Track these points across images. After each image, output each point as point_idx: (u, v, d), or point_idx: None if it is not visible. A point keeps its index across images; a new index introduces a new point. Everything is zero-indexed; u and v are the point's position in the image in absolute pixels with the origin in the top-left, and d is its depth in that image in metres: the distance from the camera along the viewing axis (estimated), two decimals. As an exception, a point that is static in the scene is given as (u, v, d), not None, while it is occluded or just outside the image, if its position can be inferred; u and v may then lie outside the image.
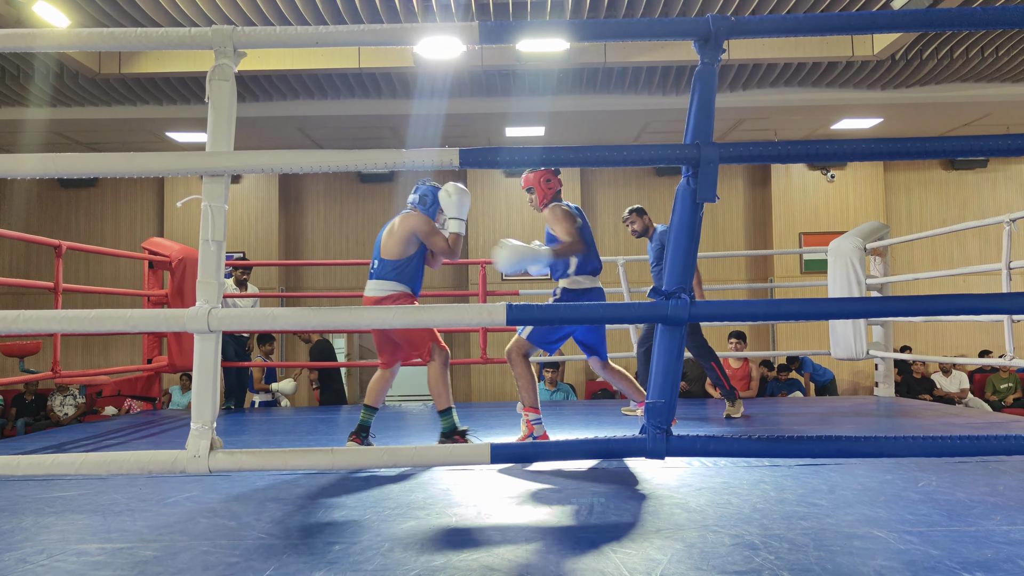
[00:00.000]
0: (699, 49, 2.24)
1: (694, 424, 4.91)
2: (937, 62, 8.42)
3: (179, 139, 10.48)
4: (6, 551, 2.21)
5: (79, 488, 3.07)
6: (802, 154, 2.26)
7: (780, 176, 11.75)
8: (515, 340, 3.96)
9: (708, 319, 2.19)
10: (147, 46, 2.28)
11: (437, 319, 2.39)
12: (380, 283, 3.90)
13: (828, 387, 9.63)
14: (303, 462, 2.41)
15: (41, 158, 2.23)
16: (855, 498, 2.68)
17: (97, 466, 2.17)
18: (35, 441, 4.70)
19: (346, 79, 8.74)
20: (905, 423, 4.97)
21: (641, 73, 8.80)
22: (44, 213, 12.23)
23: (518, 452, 2.47)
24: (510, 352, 3.95)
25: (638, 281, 10.27)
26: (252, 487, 3.03)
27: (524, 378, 3.91)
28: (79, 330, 2.29)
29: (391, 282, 3.88)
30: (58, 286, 5.23)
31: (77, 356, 11.72)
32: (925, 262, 11.74)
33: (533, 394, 3.91)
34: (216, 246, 2.26)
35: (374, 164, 2.22)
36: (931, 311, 2.37)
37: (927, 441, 2.31)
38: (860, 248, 6.18)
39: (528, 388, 3.91)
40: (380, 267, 3.92)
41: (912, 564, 1.96)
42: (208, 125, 2.25)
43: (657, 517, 2.47)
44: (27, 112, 9.28)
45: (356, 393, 13.12)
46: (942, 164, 12.12)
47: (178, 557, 2.13)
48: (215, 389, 2.24)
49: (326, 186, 12.21)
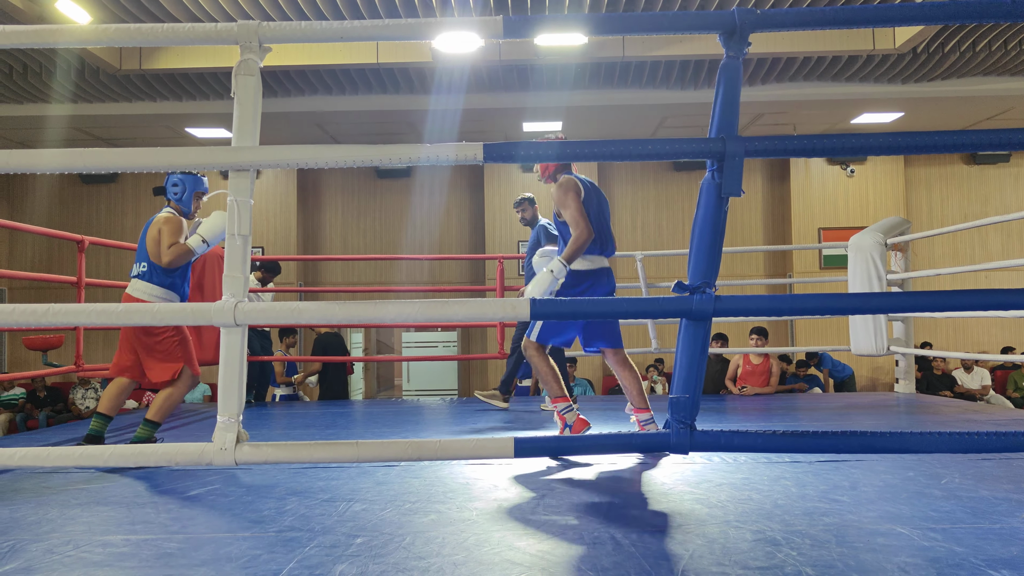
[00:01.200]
0: (724, 42, 2.23)
1: (711, 419, 4.89)
2: (959, 55, 8.33)
3: (198, 134, 10.54)
4: (33, 542, 2.24)
5: (103, 480, 3.10)
6: (827, 148, 2.24)
7: (799, 171, 11.67)
8: (525, 343, 3.92)
9: (733, 314, 2.18)
10: (173, 41, 2.30)
11: (461, 313, 2.40)
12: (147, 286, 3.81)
13: (847, 383, 9.57)
14: (328, 455, 2.43)
15: (68, 153, 2.25)
16: (877, 495, 2.66)
17: (125, 458, 2.19)
18: (58, 434, 4.75)
19: (364, 74, 8.76)
20: (926, 419, 4.93)
21: (659, 67, 8.76)
22: (66, 208, 12.35)
23: (542, 446, 2.48)
24: (526, 347, 3.92)
25: (655, 277, 10.25)
26: (273, 480, 3.05)
27: (543, 371, 3.87)
28: (106, 323, 2.31)
29: (158, 287, 3.81)
30: (81, 280, 5.28)
31: (99, 350, 11.83)
32: (946, 258, 11.64)
33: (557, 384, 3.86)
34: (242, 240, 2.27)
35: (398, 159, 2.23)
36: (953, 307, 2.35)
37: (951, 437, 2.29)
38: (880, 243, 6.13)
39: (550, 380, 3.86)
40: (149, 270, 3.81)
41: (936, 561, 1.95)
42: (234, 120, 2.27)
43: (678, 512, 2.47)
44: (49, 108, 9.38)
45: (374, 387, 13.18)
46: (964, 159, 12.00)
47: (202, 549, 2.14)
48: (242, 382, 2.26)
49: (344, 181, 12.26)
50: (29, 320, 2.25)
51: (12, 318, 2.25)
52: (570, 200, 3.75)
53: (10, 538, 2.28)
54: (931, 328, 11.43)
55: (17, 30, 2.33)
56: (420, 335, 14.49)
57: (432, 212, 12.07)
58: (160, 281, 3.80)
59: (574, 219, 3.70)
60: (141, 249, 3.84)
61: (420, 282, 11.87)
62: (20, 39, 2.34)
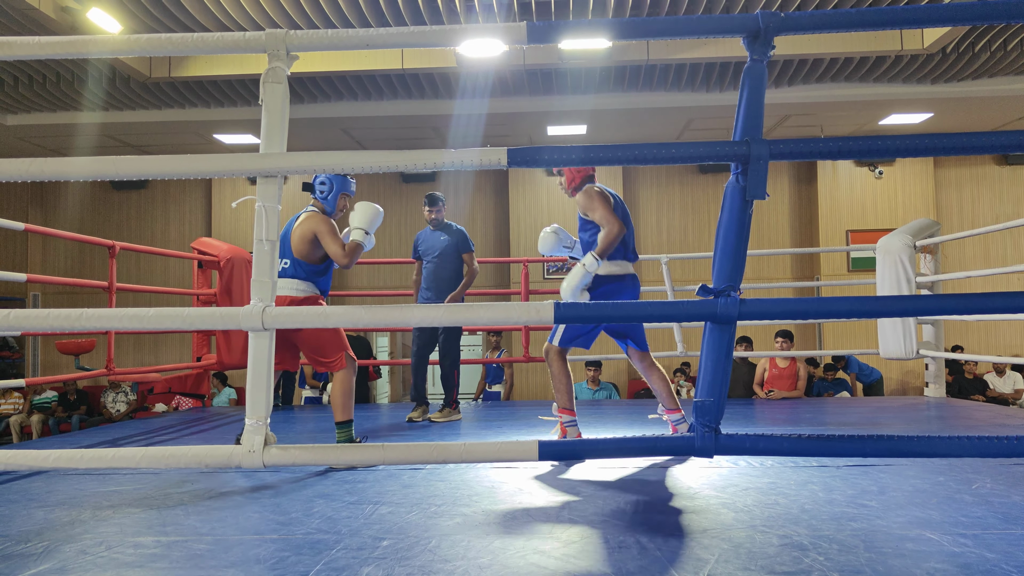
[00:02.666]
0: (748, 46, 2.22)
1: (738, 423, 4.86)
2: (990, 55, 8.22)
3: (226, 141, 10.67)
4: (66, 543, 2.29)
5: (135, 482, 3.15)
6: (853, 150, 2.22)
7: (827, 173, 11.57)
8: (546, 348, 3.94)
9: (758, 317, 2.17)
10: (203, 50, 2.33)
11: (485, 317, 2.41)
12: (294, 282, 3.88)
13: (875, 387, 9.45)
14: (355, 457, 2.45)
15: (101, 160, 2.29)
16: (906, 499, 2.63)
17: (156, 460, 2.23)
18: (90, 436, 4.82)
19: (389, 80, 8.82)
20: (957, 424, 4.86)
21: (684, 70, 8.74)
22: (97, 213, 12.55)
23: (566, 449, 2.48)
24: (548, 351, 3.92)
25: (680, 280, 10.20)
26: (300, 484, 3.08)
27: (559, 378, 3.88)
28: (138, 328, 2.35)
29: (304, 282, 3.89)
30: (112, 285, 5.37)
31: (129, 354, 12.01)
32: (977, 260, 11.47)
33: (568, 395, 3.87)
34: (270, 245, 2.30)
35: (423, 164, 2.24)
36: (984, 309, 2.32)
37: (982, 441, 2.26)
38: (910, 246, 6.06)
39: (563, 389, 3.87)
40: (293, 267, 3.88)
41: (967, 567, 1.93)
42: (262, 127, 2.30)
43: (703, 516, 2.46)
44: (80, 116, 9.54)
45: (399, 391, 13.22)
46: (995, 159, 11.82)
47: (231, 551, 2.18)
48: (270, 386, 2.29)
49: (370, 186, 12.34)
50: (63, 325, 2.29)
51: (47, 323, 2.30)
52: (597, 203, 3.82)
53: (44, 539, 2.33)
54: (962, 331, 11.27)
55: (52, 41, 2.38)
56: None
57: (457, 216, 12.11)
58: (305, 276, 3.89)
59: (605, 217, 3.77)
60: (284, 247, 3.91)
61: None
62: (54, 49, 2.39)
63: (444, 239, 5.41)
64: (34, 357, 12.35)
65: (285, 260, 3.90)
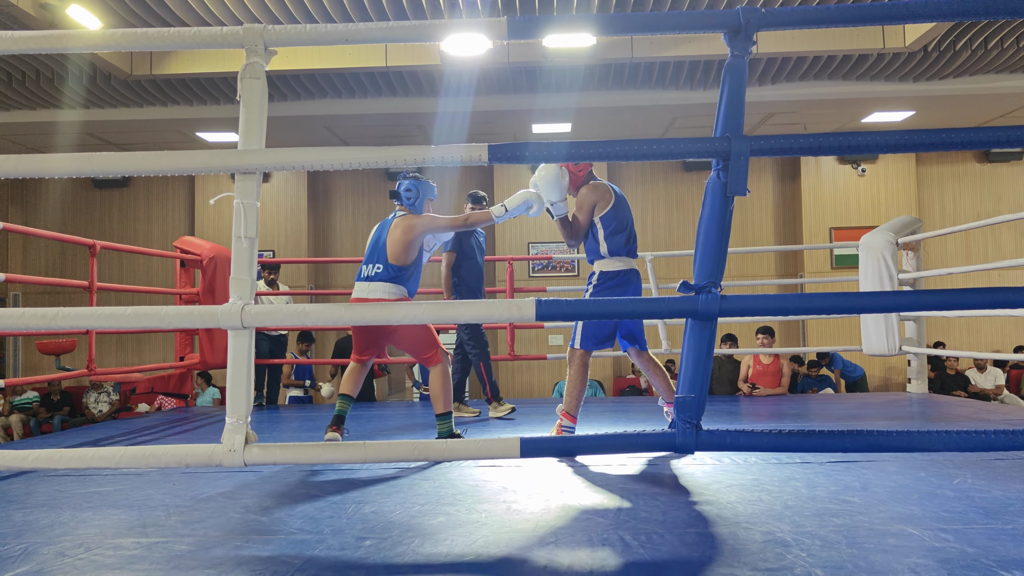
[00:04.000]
0: (729, 41, 2.23)
1: (722, 421, 4.88)
2: (971, 53, 8.28)
3: (209, 139, 10.60)
4: (45, 545, 2.26)
5: (115, 484, 3.12)
6: (833, 146, 2.23)
7: (810, 170, 11.62)
8: (569, 352, 3.99)
9: (739, 314, 2.18)
10: (179, 45, 2.31)
11: (468, 314, 2.40)
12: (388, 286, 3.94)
13: (859, 384, 9.51)
14: (336, 456, 2.43)
15: (77, 157, 2.26)
16: (888, 495, 2.64)
17: (136, 459, 2.21)
18: (72, 437, 4.78)
19: (373, 77, 8.78)
20: (939, 420, 4.90)
21: (668, 68, 8.75)
22: (78, 213, 12.44)
23: (547, 446, 2.47)
24: (572, 357, 3.96)
25: (665, 277, 10.22)
26: (283, 483, 3.06)
27: (575, 381, 3.91)
28: (116, 327, 2.33)
29: (395, 285, 3.95)
30: (93, 285, 5.32)
31: (111, 354, 11.91)
32: (959, 257, 11.56)
33: (577, 401, 3.90)
34: (249, 243, 2.28)
35: (404, 160, 2.23)
36: (963, 305, 2.33)
37: (960, 435, 2.27)
38: (892, 243, 6.10)
39: (575, 393, 3.90)
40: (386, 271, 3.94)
41: (948, 562, 1.93)
42: (240, 123, 2.28)
43: (687, 513, 2.46)
44: (60, 114, 9.45)
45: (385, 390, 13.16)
46: (976, 157, 11.91)
47: (212, 551, 2.15)
48: (249, 385, 2.27)
49: (354, 184, 12.29)
50: (39, 324, 2.26)
51: (22, 322, 2.27)
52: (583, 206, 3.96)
53: (23, 541, 2.30)
54: (944, 328, 11.35)
55: (27, 35, 2.35)
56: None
57: (441, 214, 12.09)
58: (396, 279, 3.95)
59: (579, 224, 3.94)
60: (378, 251, 4.00)
61: (429, 284, 11.87)
62: (29, 44, 2.36)
63: (483, 239, 5.60)
64: (15, 358, 12.23)
65: (378, 265, 3.96)
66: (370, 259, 4.01)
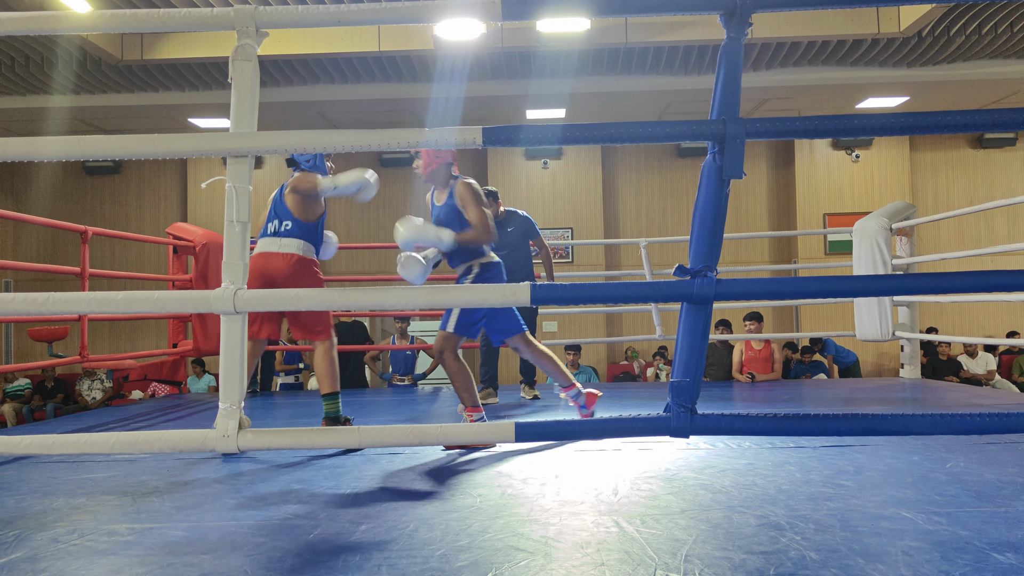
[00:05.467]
0: (724, 23, 2.21)
1: (716, 406, 4.89)
2: (965, 38, 8.27)
3: (202, 124, 10.54)
4: (38, 531, 2.25)
5: (108, 470, 3.10)
6: (828, 129, 2.22)
7: (804, 156, 11.62)
8: (442, 337, 3.66)
9: (734, 298, 2.17)
10: (169, 27, 2.28)
11: (462, 299, 2.39)
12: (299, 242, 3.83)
13: (852, 369, 9.55)
14: (330, 440, 2.43)
15: (66, 140, 2.24)
16: (882, 479, 2.65)
17: (129, 445, 2.19)
18: (65, 424, 4.76)
19: (366, 62, 8.73)
20: (931, 404, 4.91)
21: (663, 53, 8.72)
22: (70, 200, 12.37)
23: (542, 431, 2.47)
24: (441, 351, 3.65)
25: (660, 263, 10.23)
26: (277, 469, 3.05)
27: (460, 376, 3.63)
28: (107, 312, 2.31)
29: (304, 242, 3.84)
30: (84, 271, 5.28)
31: (104, 341, 11.88)
32: (952, 242, 11.59)
33: (472, 392, 3.65)
34: (241, 227, 2.27)
35: (397, 143, 2.21)
36: (955, 288, 2.33)
37: (955, 419, 2.28)
38: (886, 228, 6.10)
39: (466, 387, 3.64)
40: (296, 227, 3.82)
41: (941, 545, 1.94)
42: (231, 106, 2.26)
43: (682, 498, 2.46)
44: (51, 100, 9.38)
45: (379, 377, 13.15)
46: (969, 143, 11.93)
47: (206, 537, 2.15)
48: (243, 369, 2.26)
49: (347, 169, 12.24)
50: (29, 309, 2.25)
51: (12, 307, 2.25)
52: (476, 201, 3.70)
53: (16, 527, 2.29)
54: (937, 313, 11.39)
55: (13, 16, 2.32)
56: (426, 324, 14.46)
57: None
58: (305, 236, 3.85)
59: (482, 223, 3.66)
60: (280, 208, 3.87)
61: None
62: (16, 26, 2.33)
63: (511, 230, 5.40)
64: (7, 345, 12.19)
65: (286, 222, 3.84)
66: (277, 216, 3.92)
